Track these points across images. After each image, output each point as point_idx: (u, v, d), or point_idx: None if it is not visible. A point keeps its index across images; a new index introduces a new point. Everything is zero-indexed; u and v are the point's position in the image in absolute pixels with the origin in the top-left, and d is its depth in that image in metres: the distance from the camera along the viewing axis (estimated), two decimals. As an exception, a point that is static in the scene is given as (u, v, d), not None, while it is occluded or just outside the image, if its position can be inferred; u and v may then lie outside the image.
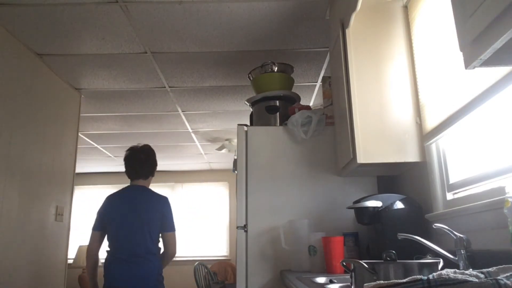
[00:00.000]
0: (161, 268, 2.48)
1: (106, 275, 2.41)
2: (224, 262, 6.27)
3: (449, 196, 1.65)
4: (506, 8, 0.71)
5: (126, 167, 2.62)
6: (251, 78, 2.69)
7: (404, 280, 0.77)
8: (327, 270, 1.84)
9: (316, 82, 3.45)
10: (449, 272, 0.85)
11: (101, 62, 3.02)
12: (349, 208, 1.85)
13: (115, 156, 5.92)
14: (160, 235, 2.51)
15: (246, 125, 2.36)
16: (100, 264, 2.50)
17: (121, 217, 2.44)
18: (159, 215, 2.49)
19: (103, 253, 2.49)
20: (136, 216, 2.44)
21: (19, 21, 2.47)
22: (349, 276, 1.13)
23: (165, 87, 3.49)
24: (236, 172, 2.31)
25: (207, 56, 2.97)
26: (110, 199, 2.55)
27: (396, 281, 0.78)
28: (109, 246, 2.47)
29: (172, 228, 2.52)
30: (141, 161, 2.62)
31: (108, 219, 2.46)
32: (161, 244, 2.54)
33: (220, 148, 5.15)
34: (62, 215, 3.27)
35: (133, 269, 2.36)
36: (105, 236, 2.49)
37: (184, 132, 4.81)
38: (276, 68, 2.60)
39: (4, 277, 2.54)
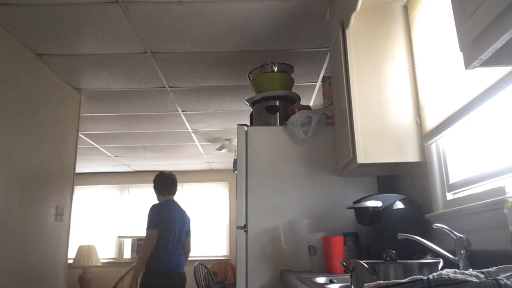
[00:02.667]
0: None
1: (164, 263, 3.32)
2: (224, 262, 6.27)
3: (449, 196, 1.65)
4: (506, 8, 0.71)
5: (167, 185, 3.57)
6: (251, 78, 2.69)
7: (404, 280, 0.77)
8: (327, 270, 1.84)
9: (316, 82, 3.45)
10: (449, 272, 0.85)
11: (101, 62, 3.02)
12: (349, 208, 1.85)
13: (115, 156, 5.92)
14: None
15: (246, 125, 2.36)
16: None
17: (174, 222, 3.41)
18: (189, 224, 3.63)
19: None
20: (181, 223, 3.49)
21: (19, 21, 2.47)
22: (349, 276, 1.13)
23: (165, 87, 3.49)
24: (236, 172, 2.31)
25: (207, 56, 2.97)
26: (163, 208, 3.45)
27: (396, 281, 0.78)
28: (163, 241, 3.34)
29: (190, 234, 3.67)
30: (172, 182, 3.62)
31: (164, 222, 3.36)
32: None
33: (220, 148, 5.14)
34: (62, 215, 3.27)
35: (179, 259, 3.45)
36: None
37: (184, 132, 4.81)
38: (276, 68, 2.60)
39: (4, 277, 2.54)
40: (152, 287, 3.24)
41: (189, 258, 6.45)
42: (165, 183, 3.54)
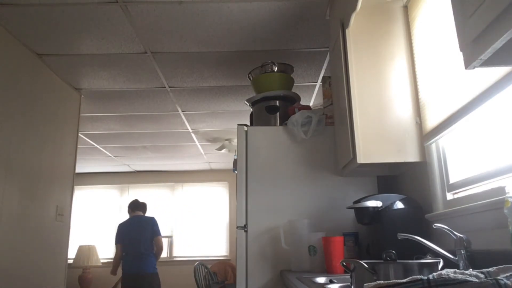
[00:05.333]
0: (156, 261, 4.27)
1: (125, 267, 4.16)
2: (224, 262, 6.27)
3: (449, 196, 1.65)
4: (506, 8, 0.71)
5: (132, 205, 4.50)
6: (251, 78, 2.69)
7: (404, 280, 0.77)
8: (327, 270, 1.84)
9: (316, 82, 3.45)
10: (449, 272, 0.85)
11: (101, 62, 3.02)
12: (349, 208, 1.85)
13: (115, 156, 5.92)
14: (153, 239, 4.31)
15: (246, 125, 2.36)
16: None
17: (131, 234, 4.22)
18: (150, 228, 4.27)
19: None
20: (139, 232, 4.21)
21: (19, 21, 2.47)
22: (349, 276, 1.13)
23: (165, 87, 3.49)
24: (236, 172, 2.31)
25: (207, 56, 2.97)
26: (122, 225, 4.34)
27: (396, 281, 0.78)
28: (124, 251, 4.22)
29: (159, 233, 4.31)
30: (137, 204, 4.53)
31: (123, 236, 4.22)
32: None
33: (220, 148, 5.14)
34: (62, 215, 3.27)
35: (140, 262, 4.11)
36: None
37: (184, 132, 4.81)
38: (276, 68, 2.60)
39: (4, 277, 2.54)
40: (122, 284, 4.22)
41: (189, 258, 6.61)
42: (132, 203, 4.53)
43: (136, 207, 4.46)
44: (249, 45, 2.82)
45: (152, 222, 4.29)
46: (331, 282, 1.50)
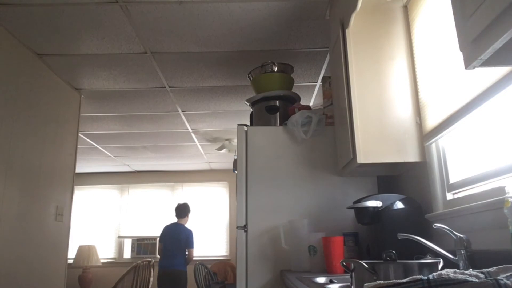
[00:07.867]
0: (186, 262, 4.83)
1: (160, 264, 4.80)
2: (224, 262, 6.27)
3: (449, 196, 1.65)
4: (506, 8, 0.71)
5: (175, 212, 5.05)
6: (251, 78, 2.69)
7: (404, 280, 0.77)
8: (327, 270, 1.84)
9: (316, 82, 3.45)
10: (449, 272, 0.85)
11: (101, 62, 3.02)
12: (349, 208, 1.85)
13: (115, 156, 5.92)
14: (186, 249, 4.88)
15: (246, 125, 2.36)
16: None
17: (170, 238, 4.83)
18: (185, 238, 4.83)
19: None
20: (173, 237, 4.81)
21: (19, 21, 2.47)
22: (349, 276, 1.13)
23: (165, 87, 3.49)
24: (236, 172, 2.31)
25: (207, 56, 2.97)
26: (166, 227, 4.96)
27: (396, 281, 0.78)
28: (162, 250, 4.85)
29: (192, 246, 4.86)
30: (179, 210, 5.04)
31: (165, 237, 4.86)
32: None
33: (220, 148, 5.14)
34: (62, 215, 3.27)
35: (172, 260, 4.72)
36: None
37: (184, 132, 4.81)
38: (276, 68, 2.60)
39: (4, 277, 2.54)
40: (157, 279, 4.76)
41: (190, 258, 6.61)
42: (175, 209, 5.03)
43: (177, 214, 5.02)
44: (249, 45, 2.82)
45: (188, 233, 4.88)
46: (331, 282, 1.50)
